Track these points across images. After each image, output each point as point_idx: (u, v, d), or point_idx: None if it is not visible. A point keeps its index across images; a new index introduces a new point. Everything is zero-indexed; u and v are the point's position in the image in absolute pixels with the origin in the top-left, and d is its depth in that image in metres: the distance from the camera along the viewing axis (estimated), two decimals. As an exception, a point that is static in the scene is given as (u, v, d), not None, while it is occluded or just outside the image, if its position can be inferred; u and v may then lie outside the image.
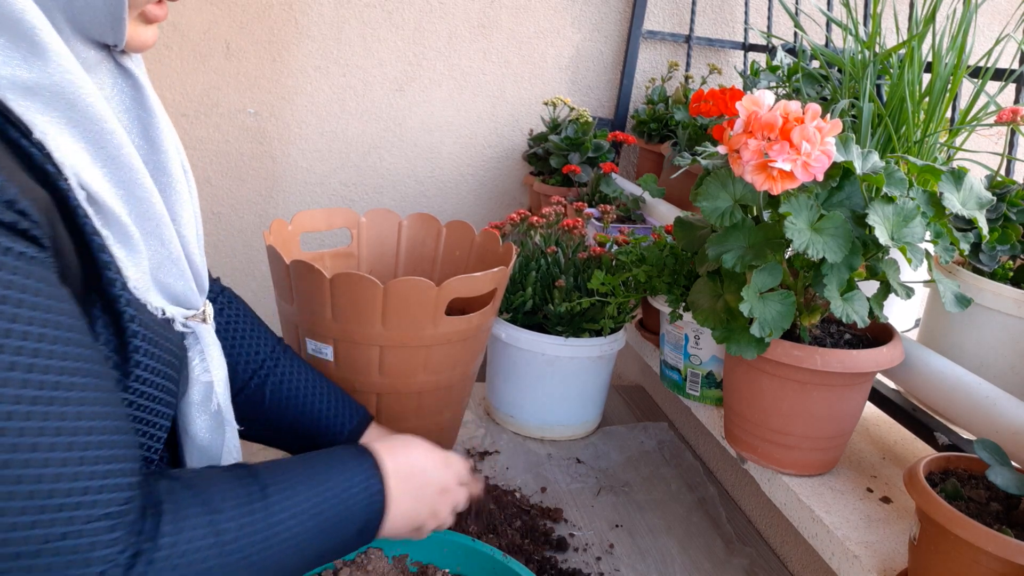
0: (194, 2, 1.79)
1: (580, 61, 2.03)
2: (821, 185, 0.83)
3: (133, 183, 0.62)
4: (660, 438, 1.35)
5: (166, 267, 0.67)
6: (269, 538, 0.65)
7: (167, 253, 0.66)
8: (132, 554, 0.56)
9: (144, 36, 0.65)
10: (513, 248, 1.15)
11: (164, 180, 0.67)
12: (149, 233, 0.64)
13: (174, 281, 0.68)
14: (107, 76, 0.64)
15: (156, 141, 0.67)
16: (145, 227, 0.64)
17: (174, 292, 0.69)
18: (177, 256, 0.67)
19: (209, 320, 0.75)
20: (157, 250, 0.65)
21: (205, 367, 0.73)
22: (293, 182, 1.96)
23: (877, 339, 0.93)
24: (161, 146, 0.67)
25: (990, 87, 1.06)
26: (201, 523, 0.60)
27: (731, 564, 1.06)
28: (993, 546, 0.64)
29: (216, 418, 0.75)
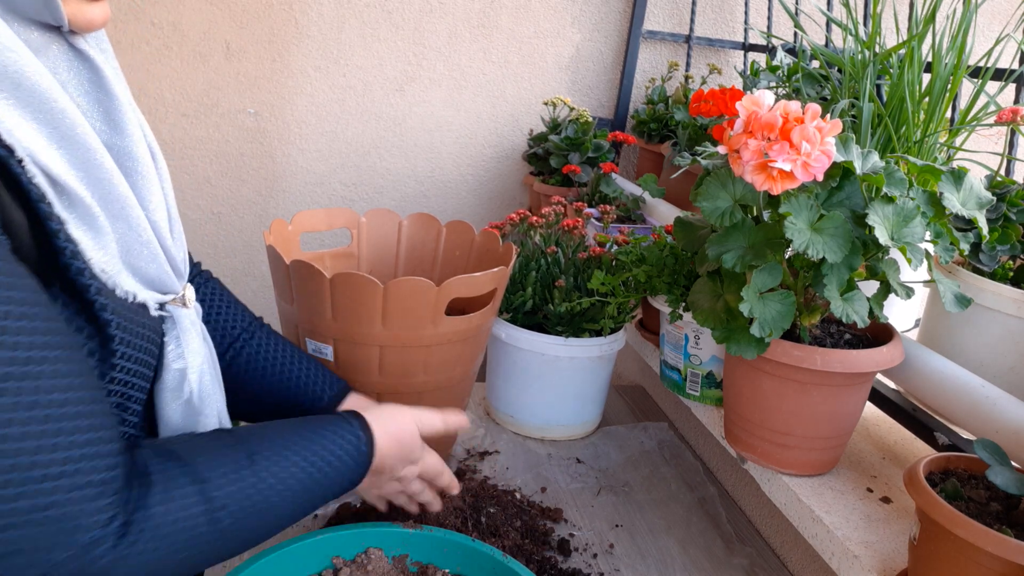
0: (194, 2, 1.79)
1: (580, 61, 2.03)
2: (821, 185, 0.83)
3: (92, 164, 0.60)
4: (660, 438, 1.35)
5: (136, 250, 0.65)
6: (258, 503, 0.66)
7: (136, 236, 0.65)
8: (122, 523, 0.56)
9: (90, 14, 0.61)
10: (513, 248, 1.15)
11: (129, 164, 0.65)
12: (115, 215, 0.63)
13: (146, 264, 0.67)
14: (61, 59, 0.62)
15: (119, 124, 0.65)
16: (110, 209, 0.62)
17: (148, 275, 0.67)
18: (148, 239, 0.66)
19: (190, 304, 0.74)
20: (125, 233, 0.64)
21: (180, 353, 0.72)
22: (293, 182, 1.96)
23: (877, 339, 0.93)
24: (125, 129, 0.65)
25: (990, 87, 1.06)
26: (190, 491, 0.61)
27: (731, 564, 1.06)
28: (993, 546, 0.64)
29: (188, 406, 0.73)
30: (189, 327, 0.73)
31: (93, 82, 0.64)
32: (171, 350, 0.71)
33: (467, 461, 1.22)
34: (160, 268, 0.68)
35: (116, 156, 0.64)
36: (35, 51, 0.59)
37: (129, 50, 1.79)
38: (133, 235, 0.64)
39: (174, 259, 0.71)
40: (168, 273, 0.70)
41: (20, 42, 0.56)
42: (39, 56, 0.59)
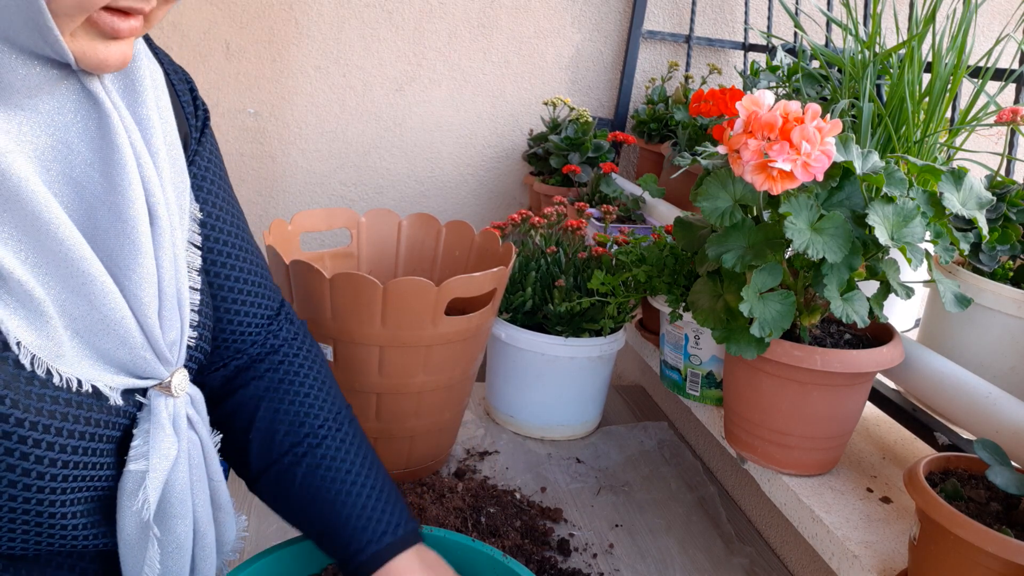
0: (194, 2, 1.79)
1: (580, 61, 2.03)
2: (821, 185, 0.83)
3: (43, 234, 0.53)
4: (660, 438, 1.35)
5: (99, 331, 0.57)
6: None
7: (100, 316, 0.57)
8: None
9: (102, 54, 0.54)
10: (513, 248, 1.15)
11: (118, 226, 0.58)
12: (73, 290, 0.55)
13: (114, 348, 0.59)
14: (67, 100, 0.56)
15: (115, 179, 0.57)
16: (68, 283, 0.55)
17: (115, 358, 0.59)
18: (116, 319, 0.58)
19: (178, 393, 0.64)
20: (86, 311, 0.56)
21: (144, 452, 0.62)
22: (293, 182, 1.96)
23: (877, 339, 0.93)
24: (119, 185, 0.57)
25: (990, 87, 1.06)
26: None
27: (731, 564, 1.06)
28: (993, 546, 0.64)
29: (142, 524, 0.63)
30: (164, 421, 0.63)
31: (99, 129, 0.57)
32: (135, 445, 0.62)
33: (467, 461, 1.22)
34: (133, 352, 0.60)
35: (106, 213, 0.57)
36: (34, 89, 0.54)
37: (129, 50, 1.79)
38: (96, 314, 0.57)
39: (156, 341, 0.62)
40: (145, 358, 0.61)
41: None
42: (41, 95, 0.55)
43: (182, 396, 0.65)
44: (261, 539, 1.01)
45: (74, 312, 0.56)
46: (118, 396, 0.61)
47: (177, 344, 0.65)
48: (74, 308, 0.56)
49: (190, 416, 0.67)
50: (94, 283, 0.56)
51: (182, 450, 0.65)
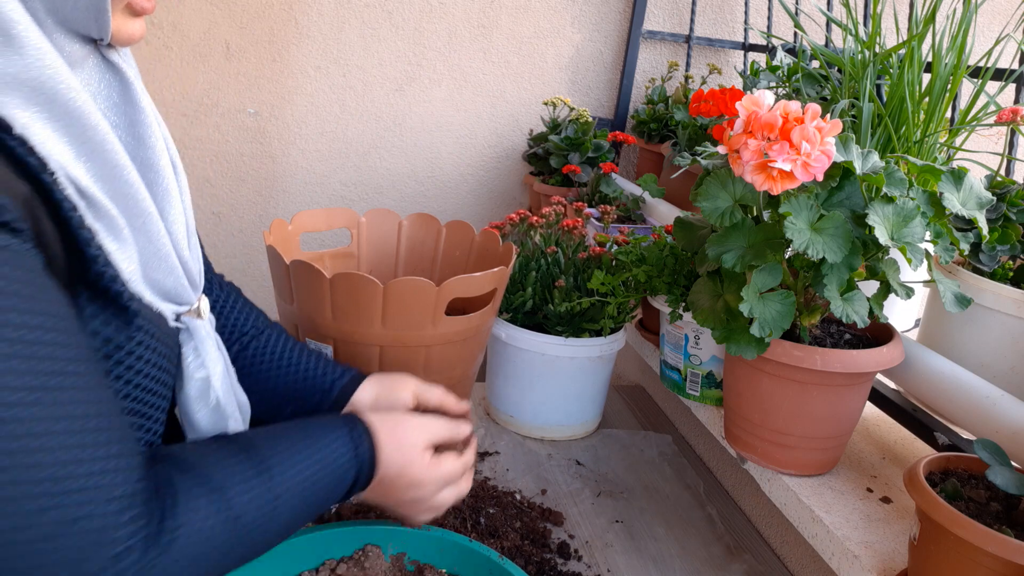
0: (194, 2, 1.79)
1: (580, 61, 2.03)
2: (821, 185, 0.83)
3: (119, 178, 0.61)
4: (661, 449, 1.35)
5: (154, 263, 0.66)
6: (273, 509, 0.67)
7: (155, 249, 0.65)
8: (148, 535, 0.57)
9: (131, 29, 0.63)
10: (513, 248, 1.15)
11: (151, 176, 0.66)
12: (137, 228, 0.63)
13: (163, 277, 0.67)
14: (94, 71, 0.63)
15: (143, 137, 0.66)
16: (133, 222, 0.63)
17: (165, 288, 0.68)
18: (166, 252, 0.67)
19: (204, 315, 0.75)
20: (144, 246, 0.65)
21: (201, 363, 0.73)
22: (293, 182, 1.96)
23: (877, 339, 0.93)
24: (148, 141, 0.66)
25: (990, 87, 1.06)
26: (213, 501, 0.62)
27: (731, 564, 1.06)
28: (993, 546, 0.64)
29: (216, 411, 0.75)
30: (205, 337, 0.74)
31: (122, 95, 0.65)
32: (191, 361, 0.73)
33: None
34: (177, 281, 0.69)
35: (140, 168, 0.65)
36: (73, 63, 0.60)
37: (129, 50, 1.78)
38: (152, 248, 0.65)
39: (191, 271, 0.71)
40: (184, 286, 0.70)
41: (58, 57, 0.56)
42: (76, 69, 0.61)
43: (207, 318, 0.75)
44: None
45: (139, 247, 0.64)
46: (173, 318, 0.70)
47: (200, 273, 0.75)
48: (139, 243, 0.64)
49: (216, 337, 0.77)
50: (152, 220, 0.65)
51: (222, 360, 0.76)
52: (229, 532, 0.63)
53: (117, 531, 0.55)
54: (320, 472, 0.72)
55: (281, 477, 0.68)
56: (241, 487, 0.64)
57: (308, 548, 0.85)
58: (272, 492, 0.67)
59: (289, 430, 0.74)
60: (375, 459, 0.77)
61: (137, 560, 0.56)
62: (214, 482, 0.63)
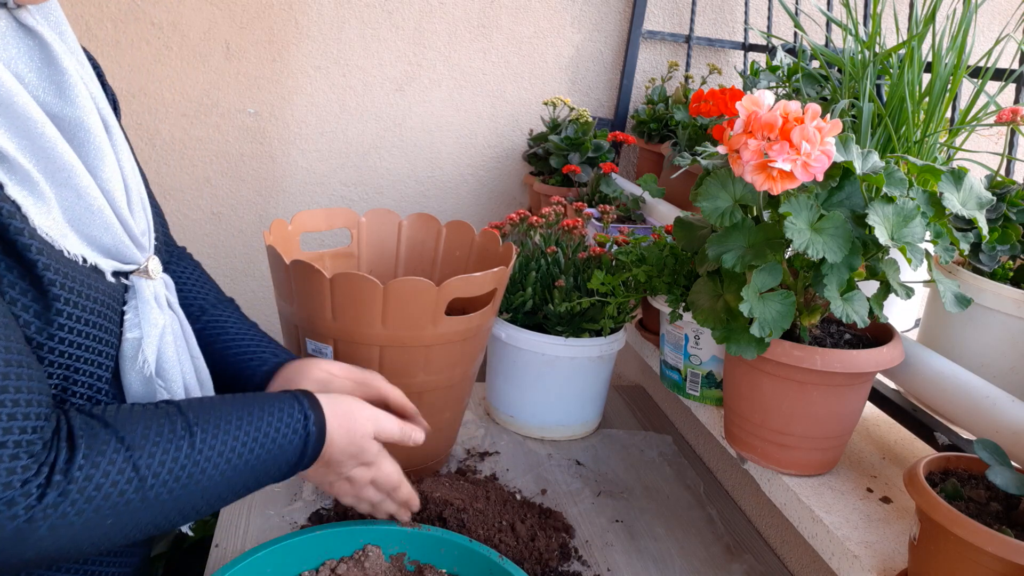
0: (194, 2, 1.79)
1: (580, 61, 2.03)
2: (821, 185, 0.83)
3: (33, 133, 0.62)
4: (661, 450, 1.35)
5: (86, 218, 0.67)
6: (195, 474, 0.67)
7: (85, 204, 0.67)
8: (39, 484, 0.58)
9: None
10: (513, 248, 1.15)
11: (81, 134, 0.67)
12: (60, 183, 0.65)
13: (99, 233, 0.69)
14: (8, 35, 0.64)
15: (69, 96, 0.67)
16: (55, 176, 0.64)
17: (102, 244, 0.69)
18: (98, 207, 0.68)
19: (155, 275, 0.76)
20: (73, 200, 0.66)
21: (136, 323, 0.74)
22: (293, 182, 1.96)
23: (877, 339, 0.93)
24: (75, 101, 0.67)
25: (990, 87, 1.06)
26: (118, 458, 0.62)
27: (731, 564, 1.06)
28: (993, 546, 0.64)
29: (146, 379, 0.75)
30: (149, 298, 0.75)
31: (43, 58, 0.66)
32: (128, 319, 0.74)
33: (467, 461, 1.22)
34: (115, 237, 0.70)
35: (66, 127, 0.67)
36: None
37: (129, 50, 1.79)
38: (82, 203, 0.67)
39: (131, 230, 0.73)
40: (126, 244, 0.72)
41: None
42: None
43: (158, 279, 0.77)
44: (261, 534, 1.01)
45: (64, 202, 0.66)
46: (110, 275, 0.71)
47: (147, 233, 0.76)
48: (64, 199, 0.65)
49: (168, 297, 0.79)
50: (77, 174, 0.66)
51: (166, 324, 0.77)
52: (135, 492, 0.63)
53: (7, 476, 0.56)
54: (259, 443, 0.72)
55: (205, 444, 0.68)
56: (153, 449, 0.64)
57: (307, 548, 0.85)
58: (192, 459, 0.66)
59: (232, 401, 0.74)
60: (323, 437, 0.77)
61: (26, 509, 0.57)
62: (126, 440, 0.63)
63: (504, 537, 0.99)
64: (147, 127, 1.85)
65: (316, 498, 1.10)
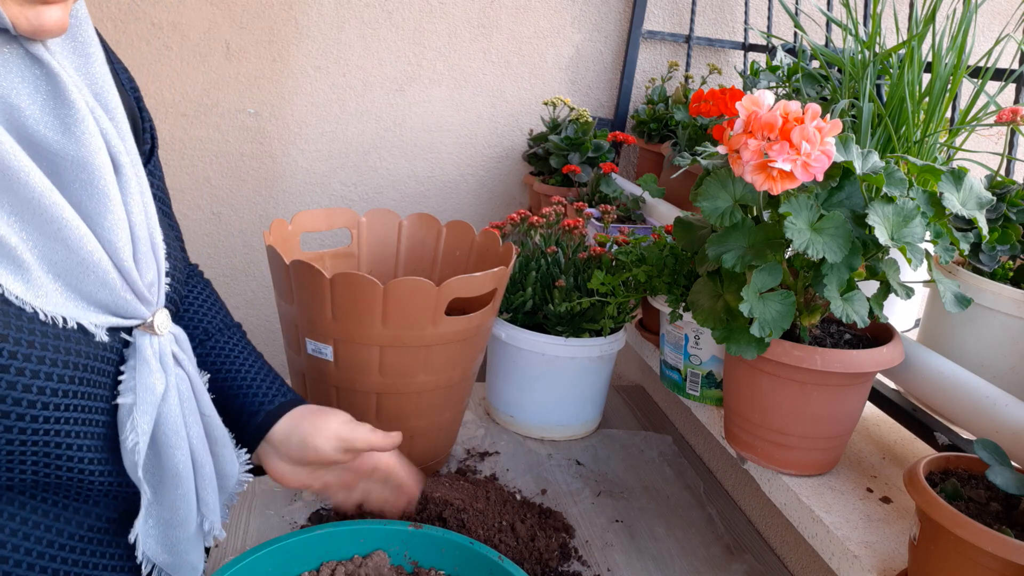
0: (194, 2, 1.79)
1: (580, 61, 2.03)
2: (821, 185, 0.83)
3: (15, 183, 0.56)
4: (661, 450, 1.35)
5: (78, 272, 0.61)
6: None
7: (78, 259, 0.61)
8: None
9: (36, 20, 0.56)
10: (513, 248, 1.15)
11: (84, 176, 0.61)
12: (48, 236, 0.59)
13: (94, 289, 0.62)
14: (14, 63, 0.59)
15: (75, 133, 0.61)
16: (43, 230, 0.58)
17: (97, 299, 0.63)
18: (95, 261, 0.62)
19: (161, 331, 0.69)
20: (62, 255, 0.60)
21: (131, 387, 0.67)
22: (293, 182, 1.96)
23: (877, 339, 0.93)
24: (80, 139, 0.61)
25: (990, 87, 1.06)
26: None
27: (731, 564, 1.06)
28: (993, 546, 0.64)
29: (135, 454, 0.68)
30: (149, 358, 0.68)
31: (50, 92, 0.60)
32: (123, 379, 0.67)
33: (467, 461, 1.22)
34: (114, 292, 0.64)
35: (67, 166, 0.61)
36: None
37: (129, 50, 1.79)
38: (74, 258, 0.60)
39: (135, 283, 0.66)
40: (126, 298, 0.65)
41: None
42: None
43: (166, 335, 0.70)
44: (261, 534, 1.01)
45: (54, 257, 0.60)
46: (103, 333, 0.65)
47: (156, 285, 0.69)
48: (53, 253, 0.60)
49: (175, 354, 0.72)
50: (68, 228, 0.60)
51: (170, 385, 0.70)
52: None
53: None
54: None
55: None
56: None
57: (306, 548, 0.85)
58: None
59: None
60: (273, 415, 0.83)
61: None
62: None
63: (504, 537, 0.99)
64: (147, 127, 1.84)
65: (316, 498, 1.10)
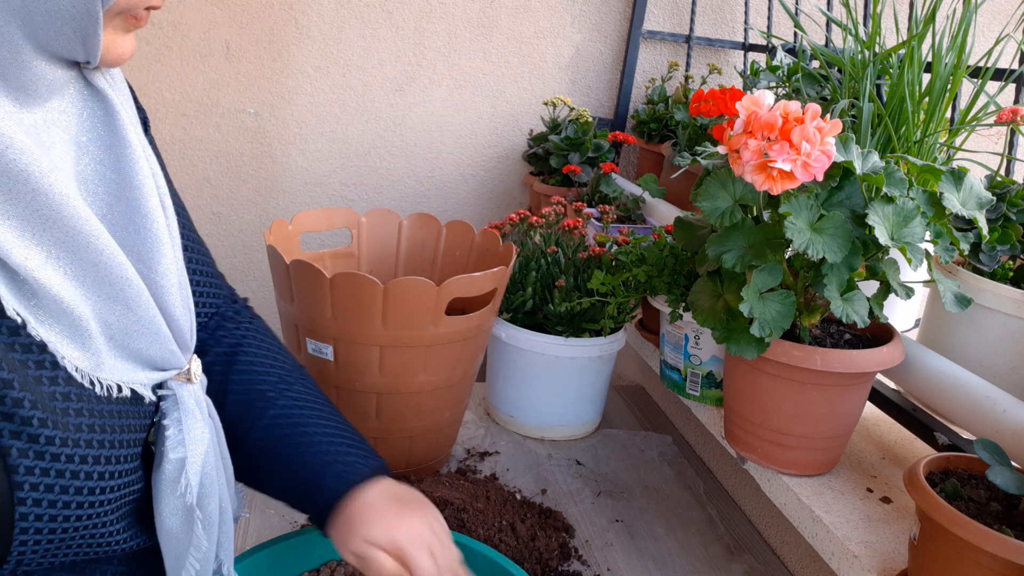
0: (194, 2, 1.79)
1: (580, 61, 2.03)
2: (821, 185, 0.83)
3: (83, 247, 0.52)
4: (661, 450, 1.35)
5: (134, 332, 0.57)
6: None
7: (136, 317, 0.57)
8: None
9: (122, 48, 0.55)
10: (513, 248, 1.15)
11: (138, 220, 0.57)
12: (110, 298, 0.55)
13: (147, 346, 0.59)
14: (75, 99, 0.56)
15: (129, 174, 0.57)
16: (103, 291, 0.55)
17: (149, 357, 0.60)
18: (150, 317, 0.58)
19: (195, 379, 0.65)
20: (120, 315, 0.56)
21: (180, 440, 0.62)
22: (293, 182, 1.96)
23: (877, 339, 0.93)
24: (134, 180, 0.57)
25: (990, 87, 1.06)
26: None
27: (731, 564, 1.06)
28: (993, 546, 0.64)
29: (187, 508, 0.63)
30: (193, 407, 0.63)
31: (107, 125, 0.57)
32: (171, 435, 0.62)
33: (467, 461, 1.22)
34: (164, 347, 0.60)
35: (122, 212, 0.57)
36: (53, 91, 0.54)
37: (129, 50, 1.78)
38: (132, 316, 0.57)
39: (181, 331, 0.63)
40: (172, 351, 0.62)
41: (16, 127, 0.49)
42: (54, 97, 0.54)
43: (197, 381, 0.65)
44: (261, 534, 1.01)
45: (110, 319, 0.56)
46: (151, 393, 0.61)
47: (190, 329, 0.65)
48: (111, 315, 0.56)
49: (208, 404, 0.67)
50: (131, 287, 0.56)
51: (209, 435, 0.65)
52: None
53: None
54: None
55: None
56: None
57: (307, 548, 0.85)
58: None
59: None
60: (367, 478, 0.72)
61: None
62: None
63: (504, 537, 0.99)
64: (147, 127, 1.84)
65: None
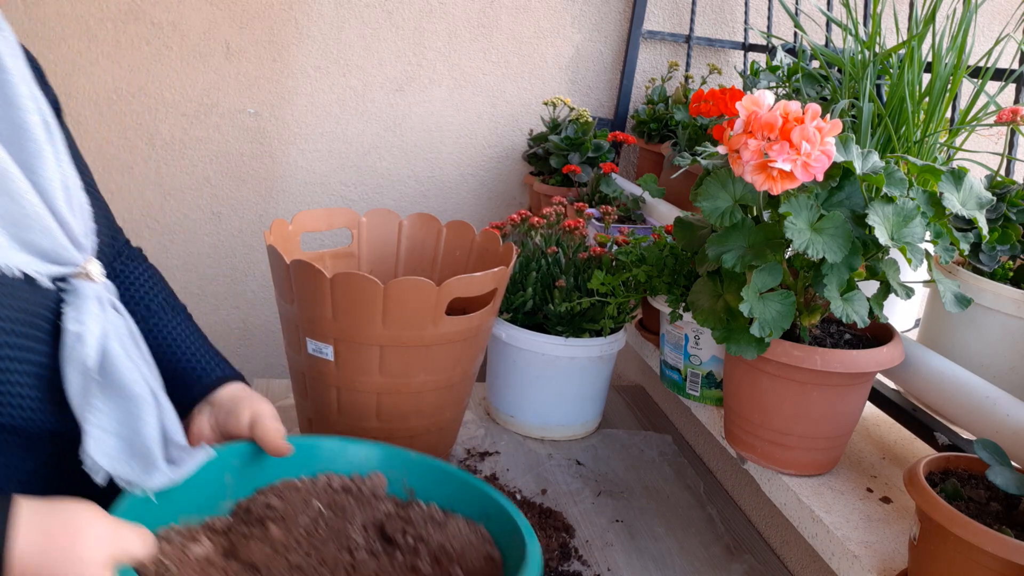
0: (194, 2, 1.79)
1: (580, 61, 2.03)
2: (821, 185, 0.83)
3: None
4: (661, 450, 1.35)
5: (23, 222, 0.68)
6: None
7: (20, 210, 0.67)
8: None
9: None
10: (513, 248, 1.15)
11: (21, 135, 0.69)
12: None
13: (37, 237, 0.69)
14: None
15: (11, 97, 0.69)
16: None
17: (40, 247, 0.69)
18: (35, 212, 0.68)
19: (96, 279, 0.75)
20: (8, 206, 0.66)
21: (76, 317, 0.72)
22: (293, 182, 1.96)
23: (877, 339, 0.93)
24: (15, 101, 0.69)
25: (990, 87, 1.06)
26: None
27: (731, 564, 1.06)
28: (993, 546, 0.64)
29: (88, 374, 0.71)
30: (91, 296, 0.73)
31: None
32: (68, 312, 0.72)
33: (467, 461, 1.22)
34: (54, 239, 0.70)
35: (7, 128, 0.68)
36: None
37: (129, 50, 1.79)
38: (18, 208, 0.67)
39: (71, 230, 0.73)
40: (64, 245, 0.72)
41: None
42: None
43: (101, 282, 0.76)
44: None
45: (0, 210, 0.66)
46: (47, 280, 0.71)
47: (83, 233, 0.75)
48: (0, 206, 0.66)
49: (111, 301, 0.77)
50: (13, 180, 0.66)
51: (110, 322, 0.75)
52: None
53: None
54: None
55: None
56: None
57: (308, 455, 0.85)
58: None
59: None
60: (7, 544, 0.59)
61: None
62: None
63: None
64: (147, 127, 1.85)
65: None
